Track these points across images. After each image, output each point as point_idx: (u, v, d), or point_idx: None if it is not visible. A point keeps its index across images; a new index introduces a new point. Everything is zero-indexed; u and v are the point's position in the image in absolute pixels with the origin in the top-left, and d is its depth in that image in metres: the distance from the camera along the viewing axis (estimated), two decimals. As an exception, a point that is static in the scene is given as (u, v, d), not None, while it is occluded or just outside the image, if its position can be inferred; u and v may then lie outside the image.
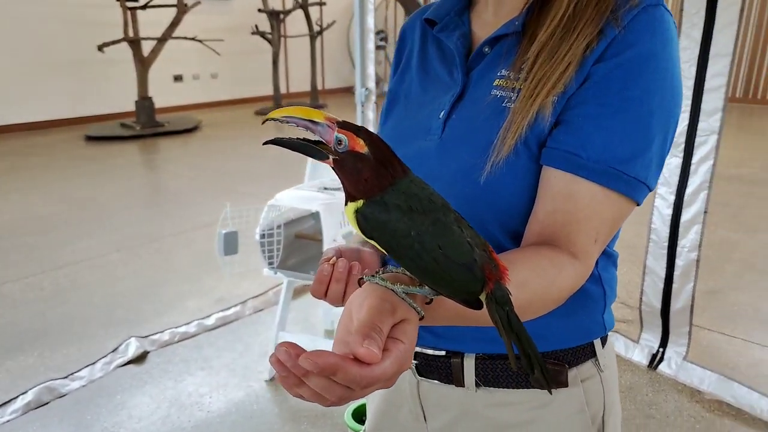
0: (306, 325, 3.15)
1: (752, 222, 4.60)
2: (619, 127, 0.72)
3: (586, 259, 0.74)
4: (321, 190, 2.48)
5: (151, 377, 2.66)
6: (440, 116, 0.84)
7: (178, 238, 4.33)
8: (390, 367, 0.52)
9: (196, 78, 10.30)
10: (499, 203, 0.78)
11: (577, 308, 0.83)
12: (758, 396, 2.42)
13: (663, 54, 0.72)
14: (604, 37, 0.73)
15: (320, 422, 2.37)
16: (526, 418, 0.86)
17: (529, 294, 0.68)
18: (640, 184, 0.73)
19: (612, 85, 0.72)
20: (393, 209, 0.58)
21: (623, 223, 0.78)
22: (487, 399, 0.87)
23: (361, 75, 3.59)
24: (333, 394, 0.52)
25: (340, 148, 0.58)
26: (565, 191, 0.73)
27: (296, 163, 6.75)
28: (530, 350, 0.59)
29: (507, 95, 0.78)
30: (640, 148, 0.72)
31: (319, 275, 0.79)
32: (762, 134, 8.21)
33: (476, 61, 0.85)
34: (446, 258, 0.57)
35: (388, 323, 0.55)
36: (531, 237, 0.76)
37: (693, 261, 2.53)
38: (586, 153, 0.72)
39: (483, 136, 0.78)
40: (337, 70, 12.40)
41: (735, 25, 2.23)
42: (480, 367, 0.86)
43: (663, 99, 0.73)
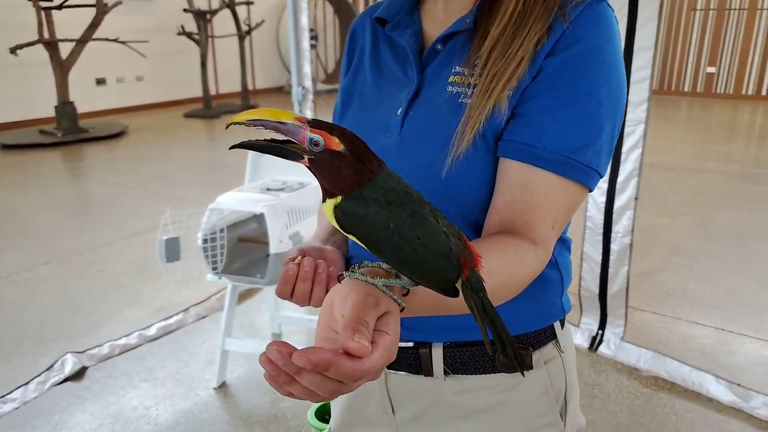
0: (252, 330, 3.10)
1: (675, 207, 4.87)
2: (570, 117, 0.75)
3: (545, 245, 0.77)
4: (264, 191, 2.44)
5: (92, 393, 2.55)
6: (398, 113, 0.85)
7: (111, 248, 4.17)
8: (379, 359, 0.53)
9: (121, 81, 9.92)
10: (461, 196, 0.80)
11: (537, 293, 0.86)
12: (689, 369, 2.57)
13: (608, 47, 0.76)
14: (553, 32, 0.76)
15: (273, 426, 2.35)
16: (494, 402, 0.88)
17: (496, 281, 0.70)
18: (592, 171, 0.77)
19: (562, 78, 0.75)
20: (371, 203, 0.59)
21: (577, 209, 0.82)
22: (455, 386, 0.89)
23: (297, 74, 3.56)
24: (325, 390, 0.53)
25: (316, 148, 0.58)
26: (522, 181, 0.76)
27: (229, 166, 6.64)
28: (503, 335, 0.61)
29: (463, 91, 0.80)
30: (590, 137, 0.76)
31: (285, 275, 0.79)
32: (677, 124, 8.67)
33: (430, 58, 0.86)
34: (424, 248, 0.59)
35: (374, 316, 0.56)
36: (491, 227, 0.78)
37: (627, 245, 2.65)
38: (541, 143, 0.75)
39: (442, 132, 0.80)
40: (267, 70, 12.24)
41: (655, 20, 2.35)
42: (448, 356, 0.88)
43: (610, 90, 0.76)
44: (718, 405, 2.41)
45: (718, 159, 6.43)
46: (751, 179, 5.78)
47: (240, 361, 2.77)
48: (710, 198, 5.14)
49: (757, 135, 7.94)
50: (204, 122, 9.16)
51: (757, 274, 3.62)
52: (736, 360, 2.71)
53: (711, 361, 2.70)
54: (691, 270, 3.69)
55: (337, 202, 0.60)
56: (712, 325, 3.02)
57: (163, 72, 10.31)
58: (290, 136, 0.58)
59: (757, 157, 6.76)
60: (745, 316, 3.11)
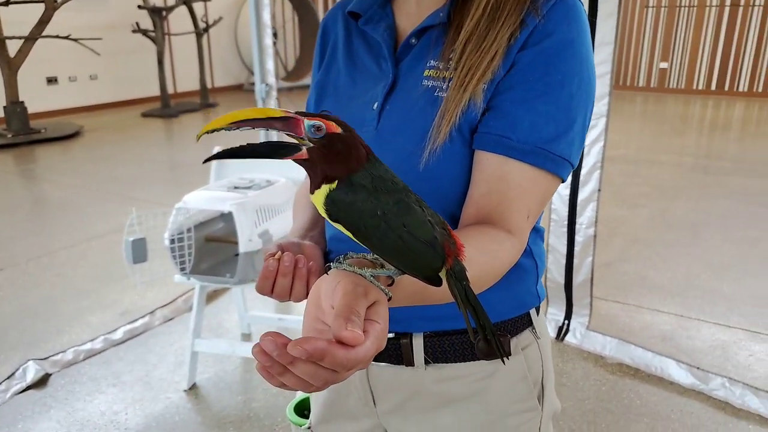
0: (221, 330, 3.07)
1: (634, 199, 5.00)
2: (543, 109, 0.77)
3: (520, 234, 0.78)
4: (231, 190, 2.41)
5: (56, 400, 2.49)
6: (374, 108, 0.86)
7: (70, 251, 4.06)
8: (371, 348, 0.53)
9: (74, 80, 9.64)
10: (438, 188, 0.81)
11: (513, 281, 0.88)
12: (651, 355, 2.66)
13: (579, 41, 0.78)
14: (525, 26, 0.77)
15: (246, 426, 2.33)
16: (474, 389, 0.90)
17: (475, 270, 0.71)
18: (565, 161, 0.79)
19: (535, 71, 0.77)
20: (360, 189, 0.59)
21: (550, 198, 0.84)
22: (436, 375, 0.90)
23: (260, 71, 3.53)
24: (318, 379, 0.53)
25: (318, 134, 0.58)
26: (498, 173, 0.77)
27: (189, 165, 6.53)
28: (486, 322, 0.62)
29: (438, 85, 0.81)
30: (563, 129, 0.77)
31: (265, 271, 0.79)
32: (633, 118, 8.91)
33: (404, 52, 0.87)
34: (411, 236, 0.59)
35: (364, 306, 0.56)
36: (468, 218, 0.79)
37: (591, 237, 2.72)
38: (515, 135, 0.77)
39: (418, 125, 0.80)
40: (226, 68, 12.07)
41: (615, 15, 2.42)
42: (428, 345, 0.90)
43: (581, 82, 0.78)
44: (680, 388, 2.50)
45: (672, 151, 6.63)
46: (704, 170, 5.99)
47: (210, 362, 2.74)
48: (666, 189, 5.30)
49: (707, 128, 8.22)
50: (162, 121, 8.98)
51: (713, 262, 3.75)
52: (695, 344, 2.81)
53: (672, 346, 2.79)
54: (651, 259, 3.81)
55: (332, 187, 0.59)
56: (672, 311, 3.13)
57: (118, 70, 10.06)
58: (286, 129, 0.57)
59: (708, 149, 7.00)
60: (702, 302, 3.22)
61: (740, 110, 9.15)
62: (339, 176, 0.59)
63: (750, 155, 6.51)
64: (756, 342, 2.83)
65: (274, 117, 0.57)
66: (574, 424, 2.31)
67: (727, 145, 7.13)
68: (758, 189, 5.27)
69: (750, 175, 5.69)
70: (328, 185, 0.59)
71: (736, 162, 6.28)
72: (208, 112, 9.66)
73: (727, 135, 7.66)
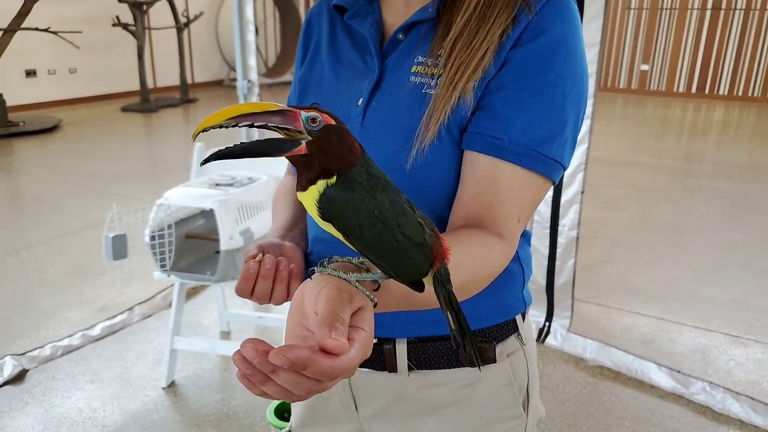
0: (200, 328, 3.03)
1: (614, 201, 5.04)
2: (537, 110, 0.75)
3: (511, 238, 0.77)
4: (212, 186, 2.38)
5: (33, 397, 2.44)
6: (359, 104, 0.84)
7: (48, 246, 3.99)
8: (356, 356, 0.52)
9: (52, 73, 9.48)
10: (426, 189, 0.79)
11: (500, 286, 0.86)
12: (632, 358, 2.67)
13: (572, 39, 0.77)
14: (518, 23, 0.75)
15: (225, 425, 2.30)
16: (459, 396, 0.88)
17: (465, 275, 0.70)
18: (557, 164, 0.77)
19: (528, 70, 0.75)
20: (356, 187, 0.57)
21: (541, 202, 0.83)
22: (419, 381, 0.89)
23: (242, 67, 3.49)
24: (301, 389, 0.51)
25: (314, 126, 0.56)
26: (488, 174, 0.76)
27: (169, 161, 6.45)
28: (466, 328, 0.61)
29: (426, 82, 0.79)
30: (556, 130, 0.76)
31: (245, 273, 0.77)
32: (613, 120, 8.98)
33: (391, 48, 0.85)
34: (405, 238, 0.58)
35: (348, 312, 0.54)
36: (457, 221, 0.78)
37: (573, 239, 2.72)
38: (507, 136, 0.75)
39: (405, 123, 0.79)
40: (206, 63, 11.93)
41: (601, 16, 2.42)
42: (412, 351, 0.88)
43: (574, 82, 0.77)
44: (660, 392, 2.52)
45: (652, 154, 6.69)
46: (684, 173, 6.05)
47: (189, 360, 2.70)
48: (647, 192, 5.34)
49: (687, 131, 8.31)
50: (142, 116, 8.87)
51: (693, 264, 3.79)
52: (676, 348, 2.83)
53: (652, 349, 2.81)
54: (632, 262, 3.83)
55: (331, 182, 0.57)
56: (652, 314, 3.15)
57: (98, 64, 9.90)
58: (283, 123, 0.55)
59: (689, 152, 7.08)
60: (683, 305, 3.25)
61: (720, 113, 9.27)
62: (338, 170, 0.57)
63: (729, 158, 6.59)
64: (736, 346, 2.86)
65: (271, 111, 0.55)
66: (555, 427, 2.32)
67: (707, 148, 7.22)
68: (738, 192, 5.33)
69: (730, 179, 5.76)
70: (325, 180, 0.57)
71: (715, 165, 6.35)
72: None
73: (707, 138, 7.76)
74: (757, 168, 6.21)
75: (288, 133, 0.56)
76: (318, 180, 0.57)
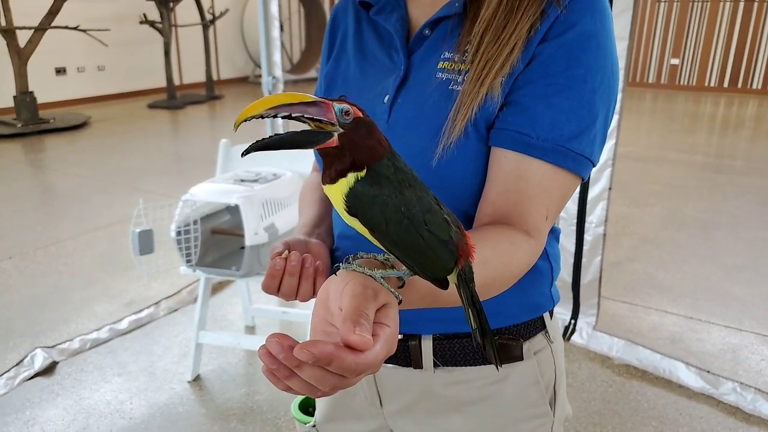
0: (225, 322, 3.06)
1: (643, 197, 4.96)
2: (565, 105, 0.73)
3: (539, 236, 0.76)
4: (237, 183, 2.40)
5: (63, 388, 2.49)
6: (385, 101, 0.83)
7: (77, 241, 4.06)
8: (381, 352, 0.52)
9: (82, 71, 9.65)
10: (452, 186, 0.78)
11: (529, 284, 0.85)
12: (660, 357, 2.62)
13: (603, 33, 0.75)
14: (546, 17, 0.74)
15: (249, 419, 2.32)
16: (485, 394, 0.88)
17: (492, 272, 0.69)
18: (586, 160, 0.76)
19: (557, 64, 0.73)
20: (384, 182, 0.57)
21: (570, 198, 0.81)
22: (445, 378, 0.88)
23: (267, 63, 3.50)
24: (326, 384, 0.51)
25: (347, 118, 0.56)
26: (516, 171, 0.74)
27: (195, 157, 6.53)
28: (486, 327, 0.61)
29: (453, 78, 0.78)
30: (585, 125, 0.74)
31: (272, 270, 0.77)
32: (642, 115, 8.83)
33: (417, 43, 0.84)
34: (431, 235, 0.57)
35: (373, 309, 0.54)
36: (483, 218, 0.77)
37: (600, 236, 2.68)
38: (535, 132, 0.73)
39: (432, 120, 0.77)
40: (231, 60, 12.04)
41: (630, 10, 2.38)
42: (438, 348, 0.87)
43: (604, 77, 0.75)
44: (689, 392, 2.47)
45: (682, 150, 6.57)
46: (714, 169, 5.92)
47: (214, 354, 2.73)
48: (676, 188, 5.25)
49: (718, 126, 8.13)
50: (168, 113, 8.98)
51: (724, 262, 3.71)
52: (705, 347, 2.78)
53: (681, 348, 2.76)
54: (660, 259, 3.77)
55: (361, 175, 0.57)
56: (681, 313, 3.09)
57: (125, 61, 10.05)
58: (318, 114, 0.55)
59: (719, 147, 6.93)
60: (713, 304, 3.19)
61: (753, 108, 9.05)
62: (367, 162, 0.57)
63: (763, 155, 6.43)
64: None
65: (307, 102, 0.55)
66: (580, 426, 2.29)
67: (739, 143, 7.06)
68: (770, 189, 5.21)
69: (763, 175, 5.62)
70: (355, 174, 0.57)
71: (748, 161, 6.21)
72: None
73: (740, 133, 7.58)
74: (790, 164, 6.06)
75: (320, 124, 0.56)
76: (348, 173, 0.57)
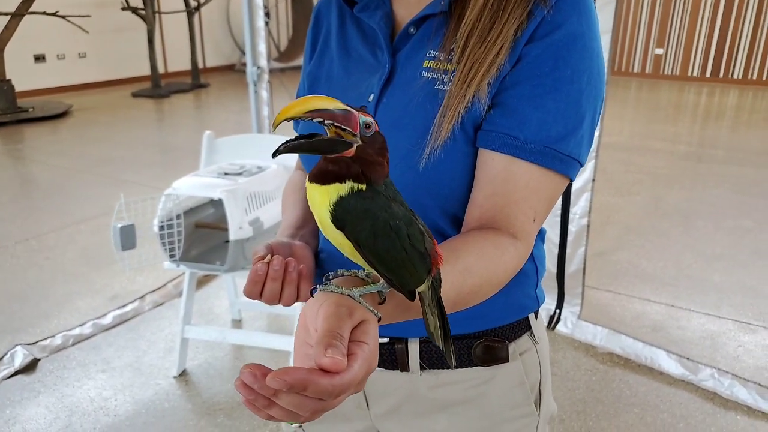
0: (211, 316, 3.05)
1: (626, 186, 5.00)
2: (552, 106, 0.73)
3: (526, 238, 0.76)
4: (221, 176, 2.38)
5: (45, 386, 2.47)
6: (370, 99, 0.82)
7: (59, 234, 4.02)
8: (359, 371, 0.51)
9: (62, 58, 9.49)
10: (439, 189, 0.78)
11: (514, 286, 0.85)
12: (642, 345, 2.66)
13: (589, 34, 0.74)
14: (533, 17, 0.73)
15: (236, 413, 2.32)
16: (471, 395, 0.88)
17: (477, 279, 0.69)
18: (574, 161, 0.75)
19: (543, 65, 0.73)
20: (377, 197, 0.56)
21: (557, 200, 0.81)
22: (431, 381, 0.88)
23: (252, 53, 3.47)
24: (306, 409, 0.50)
25: (368, 132, 0.56)
26: (503, 173, 0.74)
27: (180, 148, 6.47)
28: (448, 331, 0.62)
29: (438, 77, 0.77)
30: (572, 126, 0.74)
31: (254, 275, 0.75)
32: (626, 104, 8.88)
33: (402, 42, 0.83)
34: (412, 248, 0.57)
35: (348, 327, 0.53)
36: (471, 222, 0.77)
37: (584, 226, 2.71)
38: (522, 134, 0.73)
39: (418, 121, 0.77)
40: (217, 48, 11.91)
41: (613, 2, 2.38)
42: (424, 351, 0.87)
43: (591, 77, 0.75)
44: (669, 378, 2.51)
45: (665, 139, 6.62)
46: (696, 159, 5.98)
47: (200, 349, 2.72)
48: (659, 177, 5.29)
49: (701, 116, 8.21)
50: (153, 102, 8.88)
51: (704, 251, 3.76)
52: (686, 335, 2.82)
53: (662, 336, 2.80)
54: (643, 248, 3.81)
55: (359, 187, 0.56)
56: (662, 301, 3.13)
57: (107, 49, 9.91)
58: (344, 122, 0.55)
59: (702, 137, 6.99)
60: (693, 292, 3.23)
61: (734, 98, 9.14)
62: (374, 180, 0.57)
63: (743, 144, 6.51)
64: (745, 333, 2.85)
65: (339, 109, 0.54)
66: (564, 414, 2.32)
67: (720, 133, 7.13)
68: (751, 178, 5.27)
69: (742, 164, 5.69)
70: (354, 183, 0.56)
71: (728, 150, 6.28)
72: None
73: (721, 123, 7.66)
74: (769, 153, 6.14)
75: (341, 132, 0.55)
76: (346, 180, 0.56)
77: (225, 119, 7.73)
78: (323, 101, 0.54)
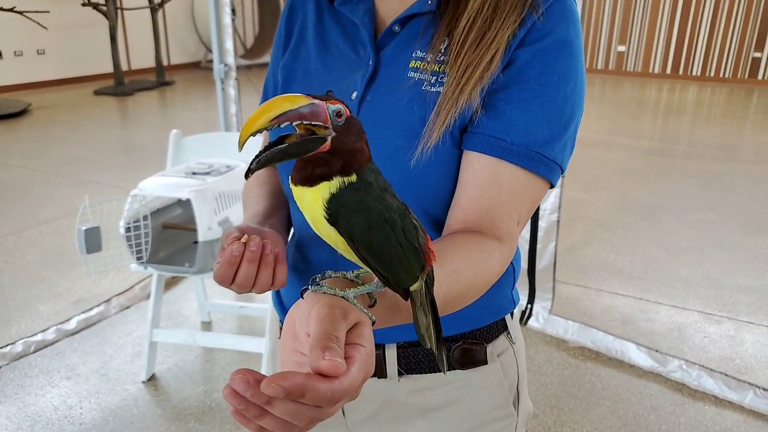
0: (180, 319, 2.99)
1: (594, 182, 5.07)
2: (539, 110, 0.74)
3: (510, 241, 0.75)
4: (189, 176, 2.32)
5: (5, 395, 2.39)
6: (353, 97, 0.81)
7: (19, 237, 3.89)
8: (358, 375, 0.48)
9: (19, 54, 9.21)
10: (425, 190, 0.77)
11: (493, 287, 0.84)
12: (612, 338, 2.70)
13: (576, 42, 0.76)
14: (524, 23, 0.74)
15: (207, 418, 2.28)
16: (450, 399, 0.87)
17: (464, 282, 0.68)
18: (557, 166, 0.76)
19: (532, 70, 0.74)
20: (369, 188, 0.54)
21: (539, 204, 0.81)
22: (409, 386, 0.87)
23: (219, 50, 3.41)
24: (302, 419, 0.47)
25: (340, 120, 0.52)
26: (489, 176, 0.74)
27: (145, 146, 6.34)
28: (440, 333, 0.60)
29: (426, 78, 0.77)
30: (557, 132, 0.75)
31: (229, 256, 0.71)
32: (591, 101, 9.00)
33: (386, 39, 0.82)
34: (407, 242, 0.55)
35: (343, 330, 0.50)
36: (454, 224, 0.76)
37: (554, 222, 2.73)
38: (509, 137, 0.73)
39: (404, 121, 0.76)
40: (182, 44, 11.69)
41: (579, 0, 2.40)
42: (402, 356, 0.86)
43: (576, 85, 0.76)
44: (639, 371, 2.55)
45: (629, 134, 6.74)
46: (659, 154, 6.11)
47: (169, 352, 2.67)
48: (625, 172, 5.38)
49: (662, 111, 8.38)
50: (116, 100, 8.68)
51: (670, 244, 3.83)
52: (654, 327, 2.87)
53: (631, 329, 2.85)
54: (611, 243, 3.87)
55: (349, 180, 0.53)
56: (631, 294, 3.19)
57: (68, 46, 9.64)
58: (313, 118, 0.51)
59: (664, 132, 7.13)
60: (660, 285, 3.29)
61: (693, 94, 9.36)
62: (358, 168, 0.53)
63: (703, 139, 6.67)
64: (710, 324, 2.91)
65: (304, 105, 0.51)
66: (538, 409, 2.34)
67: (682, 128, 7.29)
68: (712, 172, 5.40)
69: (704, 158, 5.83)
70: (343, 178, 0.53)
71: (690, 145, 6.42)
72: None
73: (681, 118, 7.83)
74: (728, 147, 6.30)
75: (313, 128, 0.52)
76: (334, 176, 0.53)
77: (191, 117, 7.60)
78: (285, 102, 0.50)
